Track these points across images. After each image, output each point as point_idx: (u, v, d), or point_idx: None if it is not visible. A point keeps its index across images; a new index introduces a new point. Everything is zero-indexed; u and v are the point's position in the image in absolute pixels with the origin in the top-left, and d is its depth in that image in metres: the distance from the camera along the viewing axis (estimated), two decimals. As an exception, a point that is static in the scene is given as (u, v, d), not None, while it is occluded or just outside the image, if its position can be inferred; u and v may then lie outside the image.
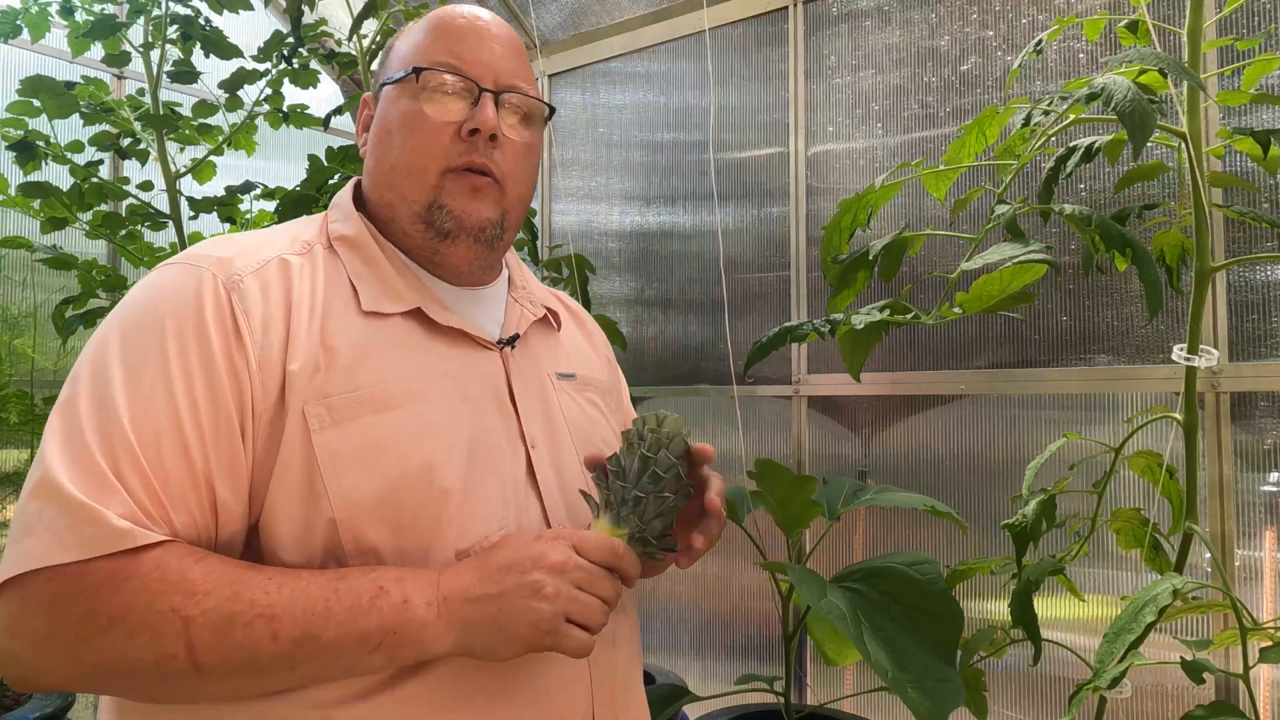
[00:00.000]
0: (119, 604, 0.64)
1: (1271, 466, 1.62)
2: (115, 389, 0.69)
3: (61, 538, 0.64)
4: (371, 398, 0.76)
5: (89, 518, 0.64)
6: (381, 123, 0.88)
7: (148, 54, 2.01)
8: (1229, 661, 1.55)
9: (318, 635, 0.67)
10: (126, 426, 0.68)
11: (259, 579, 0.68)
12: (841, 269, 1.40)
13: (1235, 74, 1.62)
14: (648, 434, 0.80)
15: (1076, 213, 1.17)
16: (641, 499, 0.78)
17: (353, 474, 0.73)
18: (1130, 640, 0.99)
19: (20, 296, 2.40)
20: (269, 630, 0.66)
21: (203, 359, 0.72)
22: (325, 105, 2.19)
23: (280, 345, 0.75)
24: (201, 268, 0.76)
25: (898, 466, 2.07)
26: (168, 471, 0.69)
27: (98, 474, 0.66)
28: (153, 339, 0.72)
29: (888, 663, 0.95)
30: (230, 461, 0.72)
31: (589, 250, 2.66)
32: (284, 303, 0.77)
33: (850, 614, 1.01)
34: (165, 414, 0.70)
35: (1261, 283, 1.64)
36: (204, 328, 0.73)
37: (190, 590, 0.65)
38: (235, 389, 0.72)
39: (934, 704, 0.93)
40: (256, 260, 0.78)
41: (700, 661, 2.40)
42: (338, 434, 0.74)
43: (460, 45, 0.86)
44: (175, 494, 0.69)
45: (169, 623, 0.64)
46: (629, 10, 2.59)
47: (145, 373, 0.71)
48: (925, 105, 2.05)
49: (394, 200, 0.86)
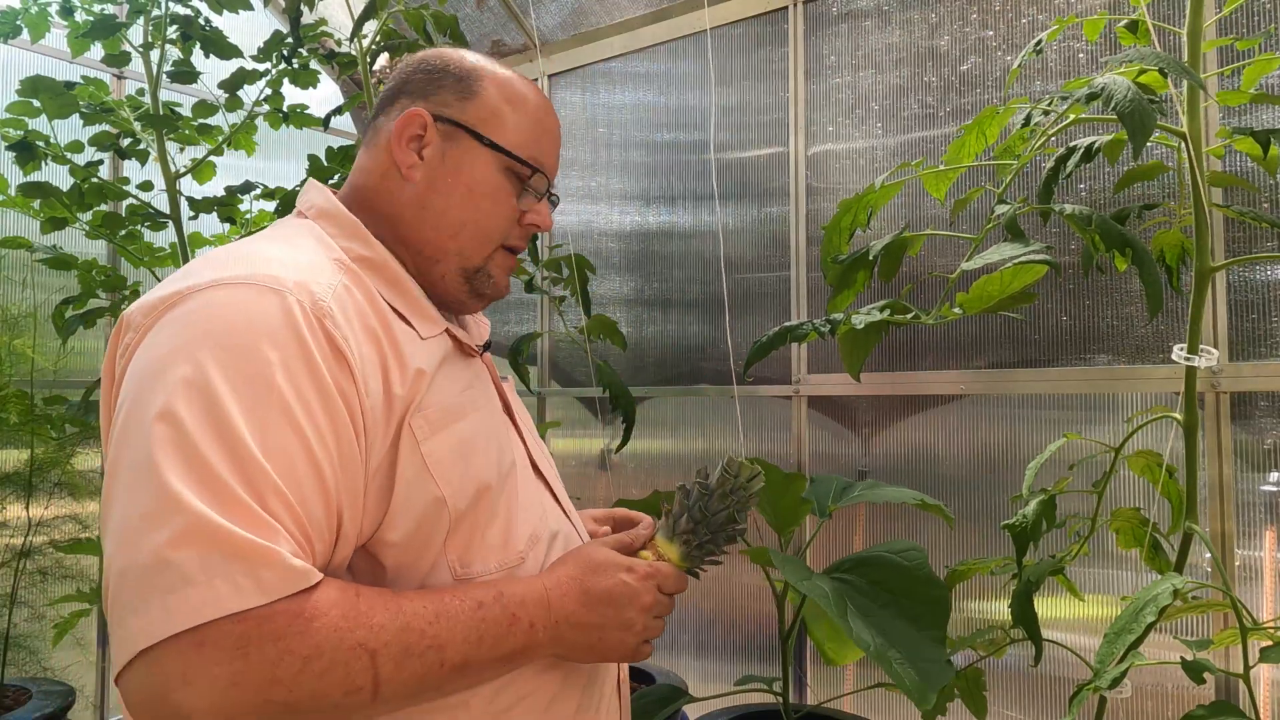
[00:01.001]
0: (311, 643, 0.64)
1: (1271, 466, 1.62)
2: (237, 423, 0.66)
3: (237, 582, 0.62)
4: (454, 408, 0.83)
5: (265, 560, 0.63)
6: (463, 176, 0.89)
7: (147, 54, 2.01)
8: (1229, 661, 1.55)
9: (472, 661, 0.74)
10: (264, 462, 0.66)
11: (417, 609, 0.72)
12: (841, 269, 1.40)
13: (1235, 74, 1.62)
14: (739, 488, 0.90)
15: (1076, 213, 1.17)
16: (711, 547, 0.91)
17: (454, 475, 0.80)
18: (1130, 640, 0.99)
19: (20, 296, 2.40)
20: (438, 659, 0.72)
21: (317, 387, 0.70)
22: (325, 105, 2.19)
23: (378, 371, 0.76)
24: (282, 292, 0.73)
25: (898, 466, 2.07)
26: (309, 508, 0.68)
27: (253, 514, 0.64)
28: (259, 368, 0.68)
29: (872, 640, 0.96)
30: (354, 488, 0.73)
31: (589, 250, 2.66)
32: (364, 328, 0.77)
33: (834, 595, 1.02)
34: (297, 447, 0.68)
35: (1261, 283, 1.64)
36: (310, 355, 0.71)
37: (370, 625, 0.68)
38: (349, 415, 0.72)
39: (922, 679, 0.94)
40: (327, 285, 0.77)
41: (700, 662, 2.40)
42: (438, 441, 0.79)
43: (551, 149, 0.95)
44: (314, 527, 0.69)
45: (358, 658, 0.67)
46: (629, 10, 2.59)
47: (265, 404, 0.68)
48: (925, 105, 2.05)
49: (449, 249, 0.89)
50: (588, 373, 2.57)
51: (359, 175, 0.91)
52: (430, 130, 0.88)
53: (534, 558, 0.87)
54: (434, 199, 0.88)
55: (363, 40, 1.88)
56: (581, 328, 2.19)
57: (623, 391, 2.08)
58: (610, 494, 2.57)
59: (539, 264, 2.22)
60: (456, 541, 0.80)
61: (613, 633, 0.83)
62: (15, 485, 2.19)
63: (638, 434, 2.27)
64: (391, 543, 0.77)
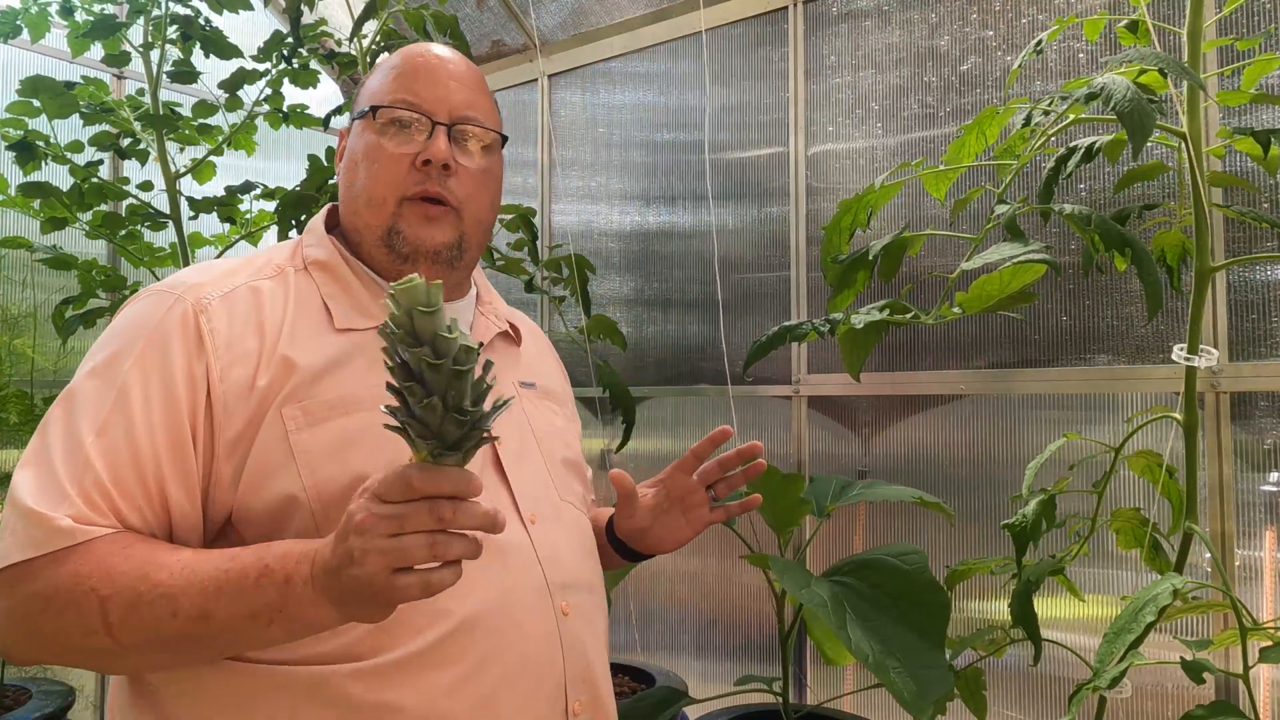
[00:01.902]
0: (51, 586, 0.74)
1: (1271, 466, 1.62)
2: (82, 408, 0.80)
3: (20, 539, 0.75)
4: (341, 402, 0.85)
5: (40, 523, 0.75)
6: (349, 155, 0.98)
7: (147, 54, 2.01)
8: (1229, 661, 1.55)
9: (212, 614, 0.73)
10: (88, 443, 0.78)
11: (169, 560, 0.75)
12: (841, 269, 1.40)
13: (1235, 74, 1.62)
14: (395, 331, 0.63)
15: (1076, 213, 1.17)
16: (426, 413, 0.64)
17: (325, 467, 0.82)
18: (1130, 640, 0.99)
19: (20, 296, 2.40)
20: (169, 609, 0.73)
21: (162, 374, 0.81)
22: (325, 105, 2.19)
23: (250, 362, 0.83)
24: (175, 294, 0.86)
25: (897, 466, 2.07)
26: (123, 479, 0.78)
27: (55, 488, 0.77)
28: (120, 360, 0.82)
29: (869, 649, 0.96)
30: (182, 467, 0.81)
31: (589, 250, 2.66)
32: (254, 324, 0.85)
33: (833, 603, 1.02)
34: (122, 430, 0.79)
35: (1261, 283, 1.64)
36: (168, 344, 0.82)
37: (108, 573, 0.74)
38: (190, 401, 0.81)
39: (920, 689, 0.93)
40: (226, 286, 0.88)
41: (700, 662, 2.40)
42: (312, 434, 0.82)
43: (417, 83, 0.95)
44: (127, 497, 0.78)
45: (89, 600, 0.73)
46: (629, 10, 2.59)
47: (111, 392, 0.80)
48: (925, 105, 2.05)
49: (360, 226, 0.95)
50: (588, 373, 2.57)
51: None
52: (344, 138, 1.01)
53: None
54: (341, 190, 0.98)
55: (363, 40, 1.88)
56: (581, 328, 2.19)
57: (623, 391, 2.08)
58: (610, 494, 2.56)
59: (539, 264, 2.22)
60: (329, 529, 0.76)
61: (346, 572, 0.67)
62: (15, 485, 2.19)
63: (638, 434, 2.27)
64: (249, 520, 0.82)
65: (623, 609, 2.49)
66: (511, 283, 2.82)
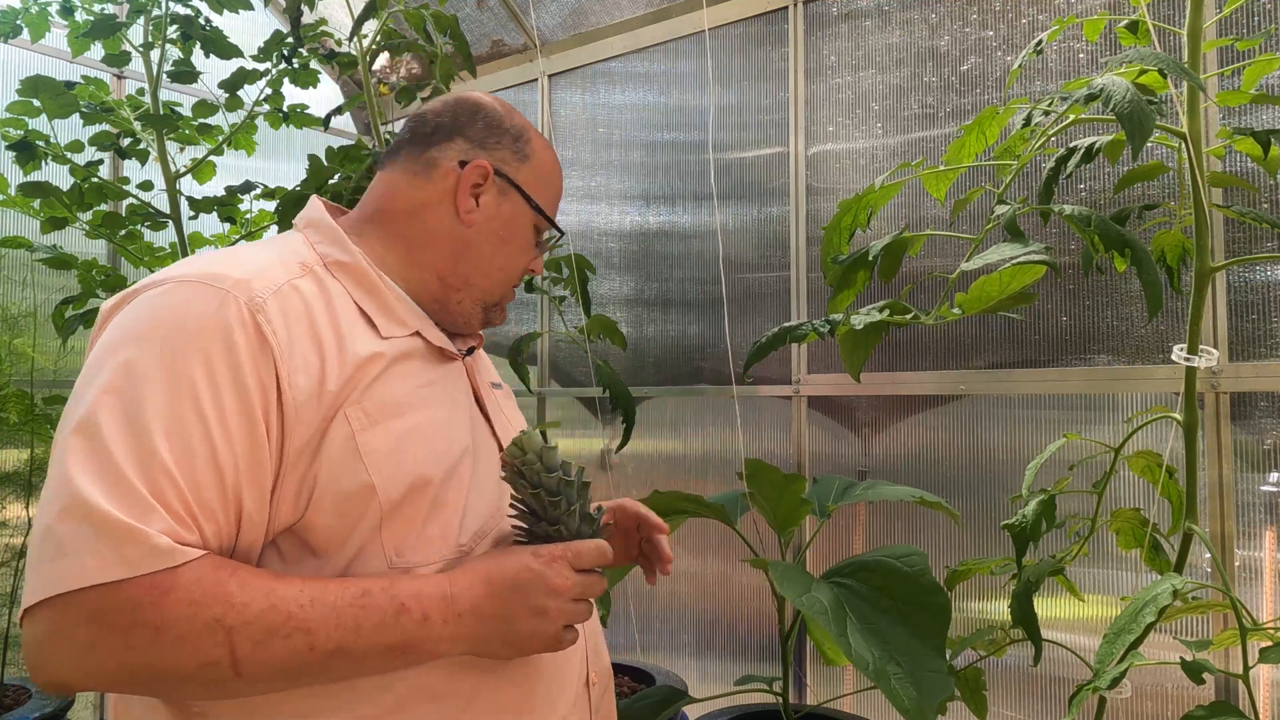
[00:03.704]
0: (163, 615, 0.69)
1: (1271, 466, 1.62)
2: (146, 410, 0.72)
3: (103, 558, 0.67)
4: (395, 404, 0.85)
5: (132, 538, 0.68)
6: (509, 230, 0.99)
7: (148, 54, 2.01)
8: (1229, 662, 1.55)
9: (349, 648, 0.74)
10: (161, 447, 0.71)
11: (291, 592, 0.74)
12: (841, 269, 1.40)
13: (1235, 74, 1.62)
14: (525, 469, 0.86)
15: (1076, 213, 1.17)
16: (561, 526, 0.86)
17: (387, 467, 0.82)
18: (1130, 640, 0.99)
19: (20, 296, 2.40)
20: (306, 643, 0.73)
21: (233, 376, 0.76)
22: (325, 105, 2.19)
23: (313, 365, 0.80)
24: (221, 288, 0.79)
25: (897, 466, 2.07)
26: (201, 487, 0.73)
27: (134, 496, 0.70)
28: (180, 358, 0.75)
29: (869, 656, 0.96)
30: (258, 476, 0.77)
31: (589, 250, 2.66)
32: (307, 326, 0.82)
33: (833, 609, 1.02)
34: (198, 433, 0.73)
35: (1261, 283, 1.64)
36: (233, 345, 0.77)
37: (230, 602, 0.71)
38: (264, 407, 0.77)
39: (921, 694, 0.93)
40: (272, 283, 0.83)
41: (700, 662, 2.40)
42: (374, 435, 0.82)
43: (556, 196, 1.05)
44: (206, 507, 0.73)
45: (212, 633, 0.70)
46: (629, 10, 2.59)
47: (176, 393, 0.74)
48: (925, 105, 2.05)
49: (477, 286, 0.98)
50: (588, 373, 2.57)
51: (391, 198, 0.96)
52: (489, 182, 0.97)
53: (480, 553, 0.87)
54: (481, 244, 0.97)
55: (363, 40, 1.88)
56: (581, 328, 2.19)
57: (623, 391, 2.08)
58: (610, 494, 2.57)
59: (539, 264, 2.22)
60: (392, 532, 0.81)
61: (525, 621, 0.81)
62: (15, 485, 2.19)
63: (638, 434, 2.27)
64: (318, 526, 0.79)
65: (623, 609, 2.49)
66: (511, 283, 2.83)
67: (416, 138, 0.98)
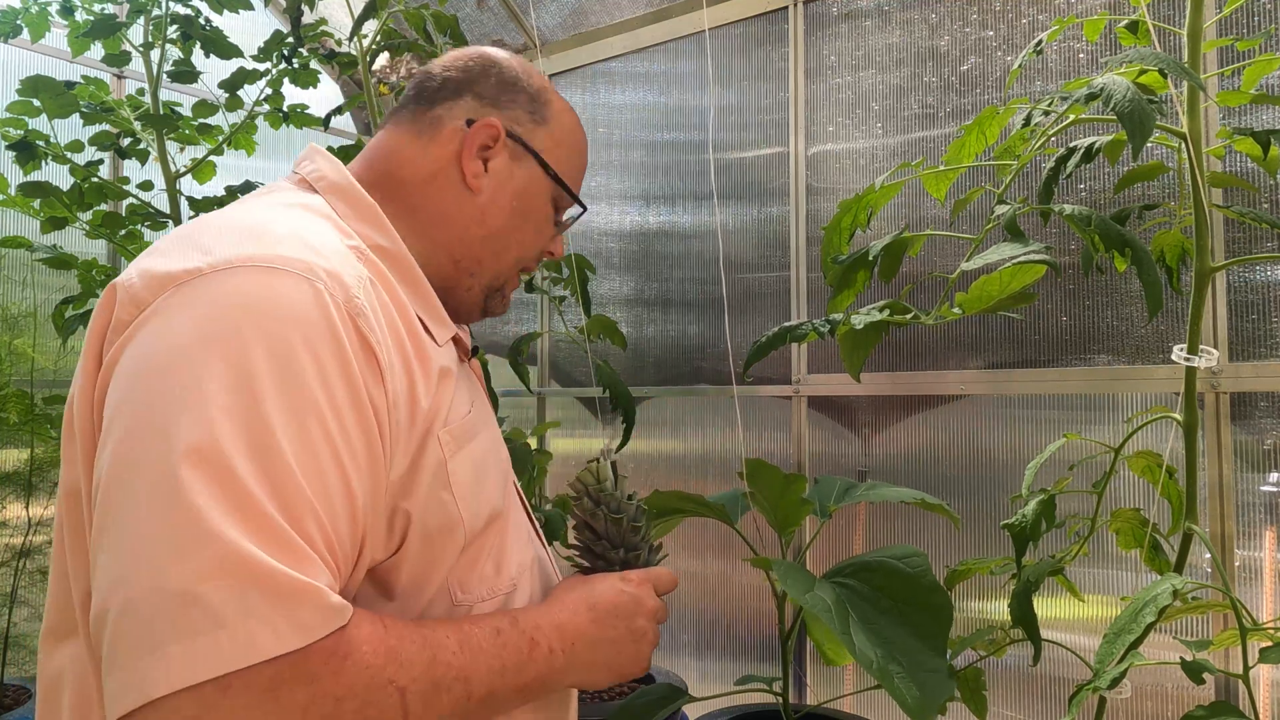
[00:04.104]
0: (345, 684, 0.59)
1: (1271, 466, 1.62)
2: (277, 436, 0.59)
3: (276, 625, 0.55)
4: (470, 425, 0.78)
5: (306, 600, 0.57)
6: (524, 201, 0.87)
7: (148, 54, 2.01)
8: (1229, 662, 1.55)
9: (497, 691, 0.71)
10: (301, 481, 0.59)
11: (439, 638, 0.68)
12: (841, 269, 1.40)
13: (1235, 74, 1.62)
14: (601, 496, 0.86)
15: (1076, 213, 1.16)
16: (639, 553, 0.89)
17: (470, 498, 0.76)
18: (1130, 641, 0.99)
19: (20, 296, 2.40)
20: (465, 691, 0.68)
21: (351, 395, 0.64)
22: (325, 105, 2.19)
23: (405, 378, 0.70)
24: (314, 283, 0.65)
25: (898, 466, 2.07)
26: (340, 528, 0.62)
27: (291, 545, 0.57)
28: (296, 371, 0.61)
29: (873, 654, 0.96)
30: (379, 507, 0.68)
31: (589, 250, 2.66)
32: (393, 332, 0.71)
33: (836, 607, 1.02)
34: (331, 464, 0.62)
35: (1261, 283, 1.64)
36: (345, 358, 0.64)
37: (399, 660, 0.64)
38: (379, 426, 0.67)
39: (923, 694, 0.93)
40: (356, 277, 0.69)
41: (700, 661, 2.40)
42: (459, 461, 0.75)
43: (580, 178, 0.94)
44: (343, 546, 0.64)
45: (389, 696, 0.62)
46: (629, 10, 2.59)
47: (302, 414, 0.61)
48: (925, 105, 2.05)
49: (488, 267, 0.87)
50: (588, 373, 2.57)
51: (396, 162, 0.83)
52: (499, 144, 0.84)
53: (525, 585, 0.84)
54: (493, 216, 0.85)
55: (363, 40, 1.88)
56: (581, 328, 2.19)
57: (623, 391, 2.08)
58: (610, 494, 2.57)
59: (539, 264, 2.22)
60: (459, 567, 0.77)
61: (627, 645, 0.81)
62: (15, 485, 2.19)
63: (638, 434, 2.27)
64: (405, 565, 0.72)
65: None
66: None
67: (422, 94, 0.85)
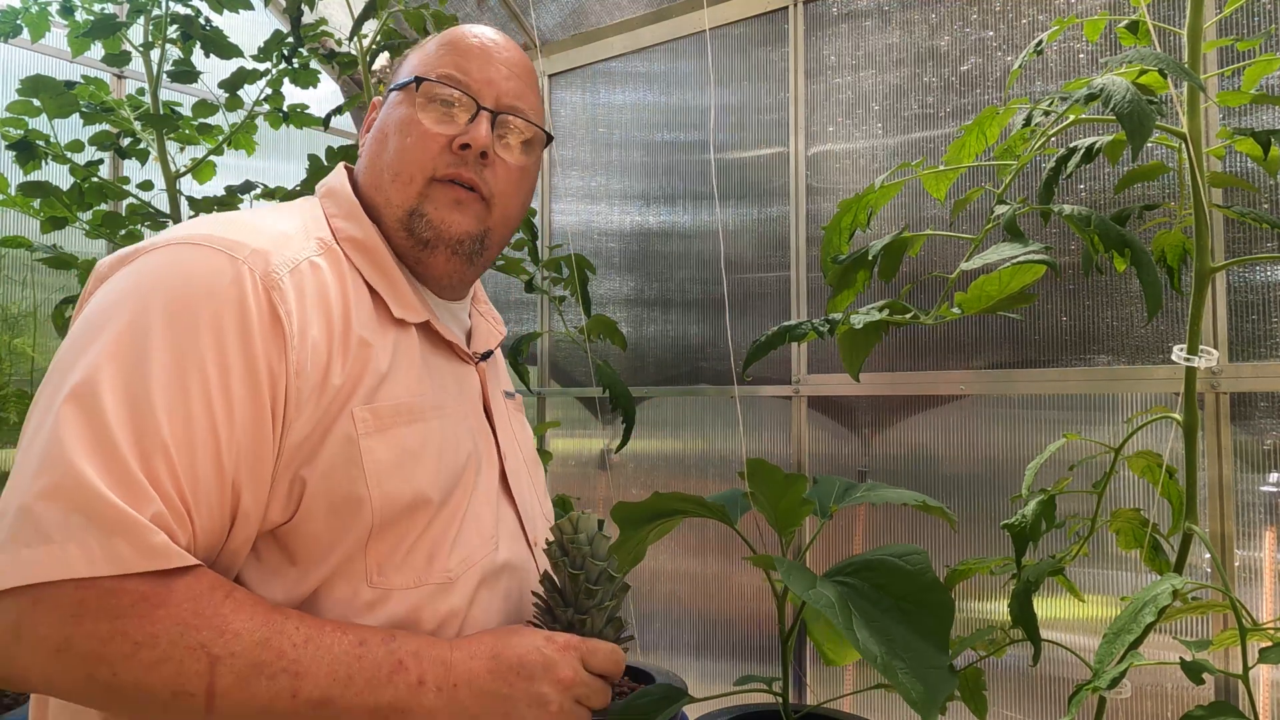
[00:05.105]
0: (148, 630, 0.61)
1: (1271, 466, 1.62)
2: (151, 382, 0.65)
3: (90, 548, 0.60)
4: (407, 409, 0.78)
5: (125, 528, 0.61)
6: (379, 125, 0.89)
7: (148, 54, 2.01)
8: (1228, 662, 1.55)
9: (335, 701, 0.67)
10: (163, 425, 0.64)
11: (288, 628, 0.67)
12: (841, 269, 1.40)
13: (1235, 74, 1.62)
14: (570, 547, 0.81)
15: (1076, 213, 1.17)
16: (586, 619, 0.81)
17: (390, 481, 0.75)
18: (1130, 641, 0.99)
19: (20, 296, 2.40)
20: (291, 687, 0.65)
21: (245, 359, 0.69)
22: (325, 105, 2.19)
23: (321, 354, 0.73)
24: (237, 258, 0.72)
25: (898, 467, 2.07)
26: (198, 476, 0.66)
27: (130, 478, 0.62)
28: (188, 329, 0.68)
29: (878, 650, 0.95)
30: (259, 469, 0.70)
31: (589, 250, 2.66)
32: (322, 310, 0.75)
33: (839, 604, 1.01)
34: (203, 415, 0.67)
35: (1261, 283, 1.64)
36: (246, 323, 0.70)
37: (222, 628, 0.63)
38: (272, 394, 0.70)
39: (928, 690, 0.93)
40: (289, 258, 0.76)
41: (700, 662, 2.40)
42: (380, 440, 0.75)
43: (467, 61, 0.88)
44: (202, 499, 0.66)
45: (195, 659, 0.62)
46: (629, 10, 2.59)
47: (184, 367, 0.67)
48: (925, 105, 2.05)
49: (381, 203, 0.87)
50: (588, 373, 2.57)
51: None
52: (376, 110, 0.93)
53: (466, 583, 0.80)
54: (364, 162, 0.90)
55: (363, 40, 1.88)
56: (581, 328, 2.19)
57: (623, 391, 2.08)
58: (610, 494, 2.57)
59: (539, 264, 2.22)
60: (379, 549, 0.75)
61: (522, 708, 0.73)
62: (15, 485, 2.19)
63: (638, 434, 2.27)
64: (303, 533, 0.73)
65: (622, 609, 2.49)
66: (511, 283, 2.83)
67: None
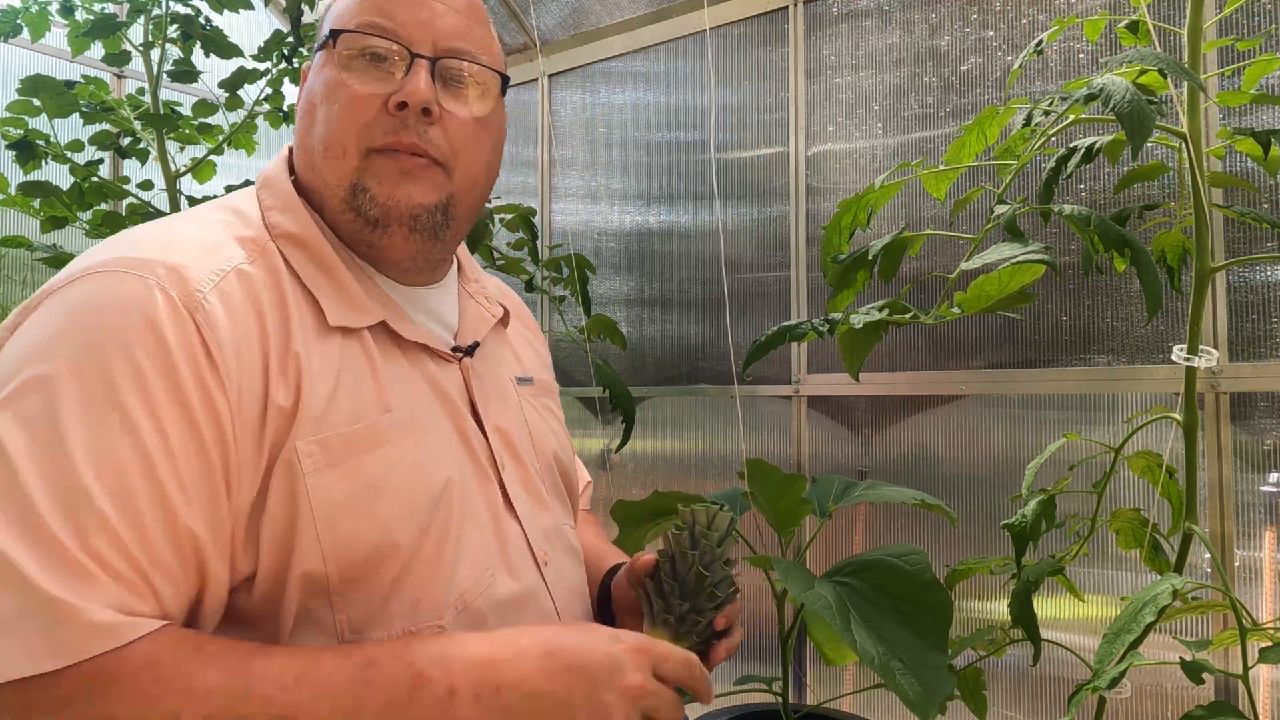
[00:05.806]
0: (104, 712, 0.53)
1: (1271, 466, 1.62)
2: (69, 442, 0.56)
3: (29, 642, 0.52)
4: (367, 433, 0.67)
5: (63, 618, 0.53)
6: (306, 95, 0.76)
7: (148, 53, 2.01)
8: (1228, 662, 1.55)
9: None
10: (92, 488, 0.55)
11: (272, 670, 0.57)
12: (841, 269, 1.40)
13: (1235, 74, 1.62)
14: (701, 541, 0.74)
15: (1076, 213, 1.16)
16: (700, 619, 0.74)
17: (347, 522, 0.65)
18: (1130, 640, 0.99)
19: (20, 296, 2.40)
20: None
21: (174, 398, 0.60)
22: (325, 105, 2.19)
23: (259, 378, 0.64)
24: (148, 280, 0.62)
25: (898, 467, 2.07)
26: (148, 535, 0.57)
27: (66, 558, 0.54)
28: (104, 375, 0.58)
29: (875, 650, 0.95)
30: (216, 519, 0.61)
31: (589, 250, 2.66)
32: (256, 325, 0.65)
33: (837, 604, 1.01)
34: (137, 467, 0.57)
35: (1261, 283, 1.64)
36: (168, 358, 0.60)
37: (189, 689, 0.55)
38: (215, 433, 0.61)
39: (925, 691, 0.93)
40: (213, 270, 0.65)
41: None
42: (334, 476, 0.65)
43: (392, 4, 0.73)
44: (159, 560, 0.58)
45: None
46: (629, 10, 2.59)
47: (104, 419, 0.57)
48: (925, 105, 2.05)
49: (318, 185, 0.74)
50: (588, 372, 2.57)
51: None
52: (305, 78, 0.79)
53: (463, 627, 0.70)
54: (297, 138, 0.77)
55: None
56: (581, 327, 2.19)
57: (623, 391, 2.08)
58: (610, 494, 2.57)
59: (539, 264, 2.22)
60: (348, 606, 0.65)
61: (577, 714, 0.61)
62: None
63: (638, 434, 2.27)
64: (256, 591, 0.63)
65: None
66: (511, 282, 2.83)
67: None
